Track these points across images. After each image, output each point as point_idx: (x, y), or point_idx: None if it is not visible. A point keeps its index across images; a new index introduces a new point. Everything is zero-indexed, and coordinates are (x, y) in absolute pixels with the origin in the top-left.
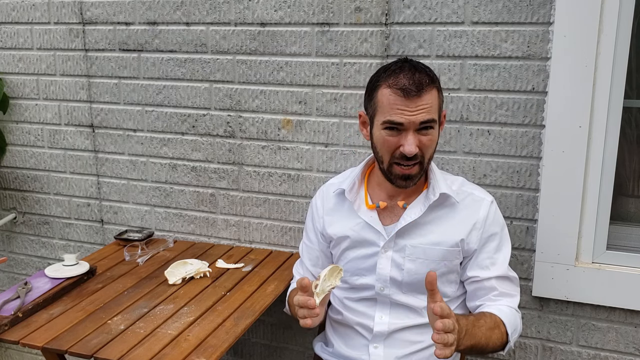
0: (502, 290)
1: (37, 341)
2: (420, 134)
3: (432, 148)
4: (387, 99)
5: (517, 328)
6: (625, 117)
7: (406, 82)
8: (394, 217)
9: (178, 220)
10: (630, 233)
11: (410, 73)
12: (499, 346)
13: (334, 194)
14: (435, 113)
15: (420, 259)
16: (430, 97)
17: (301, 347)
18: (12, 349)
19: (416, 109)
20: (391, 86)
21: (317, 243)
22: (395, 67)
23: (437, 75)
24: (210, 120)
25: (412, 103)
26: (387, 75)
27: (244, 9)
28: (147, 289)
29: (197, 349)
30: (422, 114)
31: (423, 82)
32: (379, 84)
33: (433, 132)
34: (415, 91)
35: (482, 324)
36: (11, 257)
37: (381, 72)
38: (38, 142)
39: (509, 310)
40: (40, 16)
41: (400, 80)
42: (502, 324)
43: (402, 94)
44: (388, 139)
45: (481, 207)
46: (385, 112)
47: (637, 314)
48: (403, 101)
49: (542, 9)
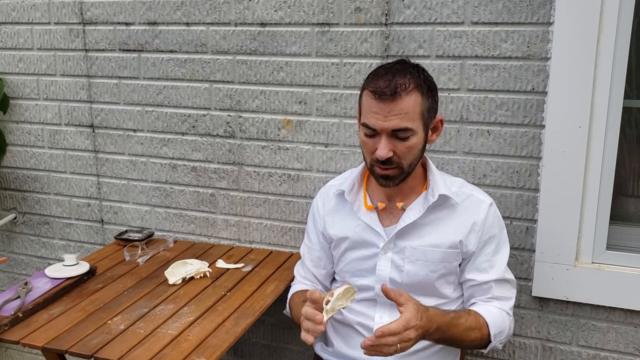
0: (497, 294)
1: (38, 341)
2: (395, 140)
3: (412, 154)
4: (366, 100)
5: (503, 330)
6: (625, 117)
7: (382, 85)
8: (393, 218)
9: (178, 220)
10: (630, 233)
11: (390, 76)
12: (477, 346)
13: (335, 195)
14: (412, 120)
15: (419, 260)
16: (407, 103)
17: (301, 347)
18: (13, 349)
19: (389, 114)
20: (369, 88)
21: (318, 244)
22: (382, 69)
23: (434, 73)
24: (211, 121)
25: (386, 107)
26: (371, 78)
27: (244, 9)
28: (147, 289)
29: (197, 349)
30: (395, 120)
31: (399, 87)
32: (364, 85)
33: (412, 138)
34: (389, 95)
35: (462, 322)
36: (11, 257)
37: (370, 73)
38: (38, 142)
39: (498, 312)
40: (40, 16)
41: (378, 83)
42: (486, 325)
43: (375, 97)
44: (366, 141)
45: (480, 208)
46: (364, 114)
47: (636, 314)
48: (377, 104)
49: (542, 9)
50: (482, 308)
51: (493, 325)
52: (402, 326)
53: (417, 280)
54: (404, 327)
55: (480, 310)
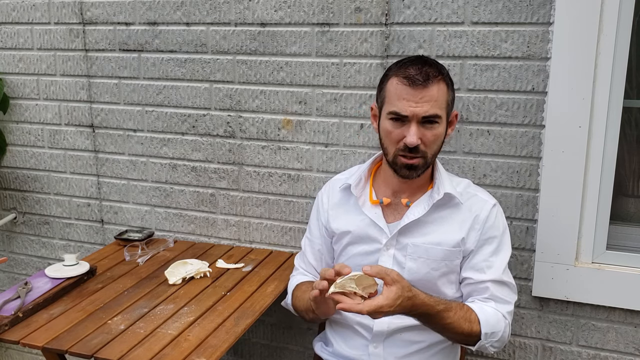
0: (494, 295)
1: (38, 341)
2: (424, 128)
3: (436, 144)
4: (395, 87)
5: (497, 332)
6: (625, 117)
7: (413, 72)
8: (397, 214)
9: (178, 220)
10: (630, 233)
11: (419, 65)
12: (464, 340)
13: (340, 189)
14: (441, 108)
15: (421, 258)
16: (437, 90)
17: (301, 347)
18: (13, 348)
19: (421, 100)
20: (399, 75)
21: (320, 237)
22: (407, 59)
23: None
24: (211, 121)
25: (418, 93)
26: (398, 67)
27: (244, 9)
28: (147, 289)
29: (198, 348)
30: (426, 106)
31: (430, 74)
32: (389, 74)
33: (438, 127)
34: (422, 81)
35: (451, 315)
36: (11, 257)
37: (394, 64)
38: (38, 142)
39: (494, 312)
40: (40, 16)
41: (408, 70)
42: (477, 322)
43: (408, 83)
44: (393, 130)
45: (483, 208)
46: (392, 102)
47: (636, 314)
48: (409, 90)
49: (542, 9)
50: (477, 305)
51: (485, 323)
52: (372, 310)
53: (419, 278)
54: (374, 310)
55: (475, 307)
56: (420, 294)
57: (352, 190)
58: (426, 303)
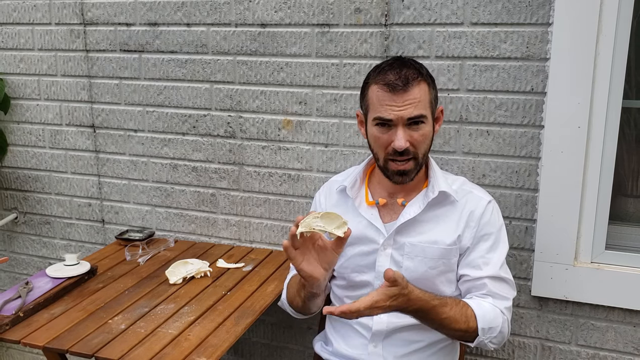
0: (492, 291)
1: (38, 341)
2: (410, 129)
3: (425, 143)
4: (376, 95)
5: (495, 327)
6: (624, 117)
7: (392, 78)
8: (393, 214)
9: (179, 220)
10: (629, 233)
11: (397, 69)
12: (462, 337)
13: (337, 191)
14: (425, 108)
15: (419, 257)
16: (418, 91)
17: (301, 346)
18: (13, 348)
19: (403, 104)
20: (379, 82)
21: None
22: (385, 64)
23: (433, 73)
24: (211, 121)
25: (400, 98)
26: (376, 73)
27: (244, 10)
28: (148, 288)
29: (198, 348)
30: (409, 109)
31: (409, 77)
32: (369, 82)
33: (424, 127)
34: (402, 86)
35: (446, 311)
36: (12, 257)
37: (372, 70)
38: (39, 143)
39: (491, 307)
40: (41, 17)
41: (387, 76)
42: (474, 318)
43: (388, 89)
44: (380, 136)
45: (478, 205)
46: (375, 109)
47: (636, 313)
48: (390, 96)
49: (541, 9)
50: (474, 301)
51: (482, 319)
52: (368, 305)
53: (417, 277)
54: (370, 305)
55: (472, 303)
56: (415, 290)
57: (347, 192)
58: (421, 298)
